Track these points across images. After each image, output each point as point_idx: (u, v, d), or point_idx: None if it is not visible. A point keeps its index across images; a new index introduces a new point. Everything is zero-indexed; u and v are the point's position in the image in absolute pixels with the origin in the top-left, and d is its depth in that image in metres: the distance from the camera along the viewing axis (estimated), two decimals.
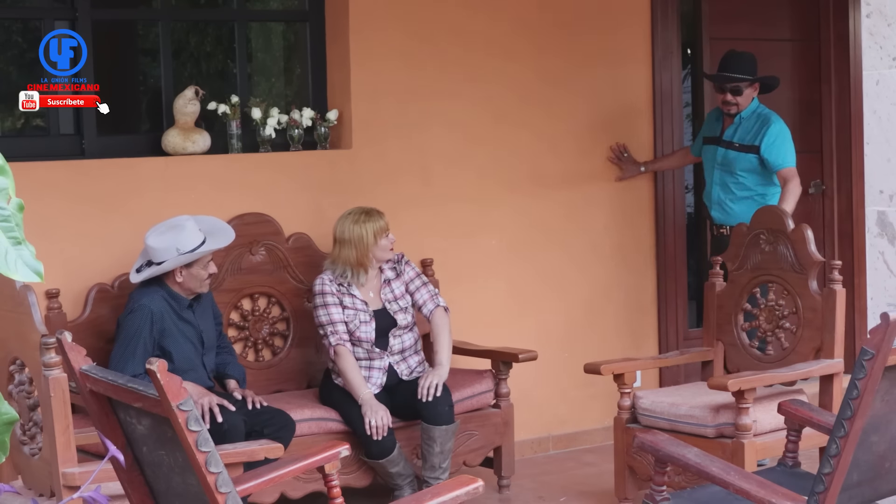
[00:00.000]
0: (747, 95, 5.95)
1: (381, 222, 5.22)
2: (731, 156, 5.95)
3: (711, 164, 6.06)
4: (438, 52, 5.98)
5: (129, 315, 4.77)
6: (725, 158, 5.97)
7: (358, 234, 5.19)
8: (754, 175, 5.92)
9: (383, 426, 5.00)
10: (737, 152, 5.93)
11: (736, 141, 5.94)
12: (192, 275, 4.84)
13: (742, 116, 5.95)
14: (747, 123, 5.94)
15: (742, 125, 5.95)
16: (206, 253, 4.85)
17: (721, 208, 6.02)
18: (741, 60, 5.98)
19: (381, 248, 5.22)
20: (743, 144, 5.92)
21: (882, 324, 3.13)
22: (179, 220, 4.88)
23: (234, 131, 5.56)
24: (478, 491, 3.30)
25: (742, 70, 5.95)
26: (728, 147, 5.97)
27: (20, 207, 1.74)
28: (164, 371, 2.78)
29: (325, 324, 5.15)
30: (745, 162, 5.91)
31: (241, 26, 5.83)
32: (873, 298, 4.94)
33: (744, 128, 5.94)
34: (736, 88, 5.92)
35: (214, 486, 2.84)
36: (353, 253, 5.19)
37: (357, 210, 5.26)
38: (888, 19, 4.75)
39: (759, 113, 5.96)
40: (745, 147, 5.90)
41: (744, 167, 5.92)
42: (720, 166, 6.00)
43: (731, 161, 5.95)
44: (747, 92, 5.94)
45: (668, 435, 3.87)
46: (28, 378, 3.99)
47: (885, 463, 3.47)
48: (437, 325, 5.30)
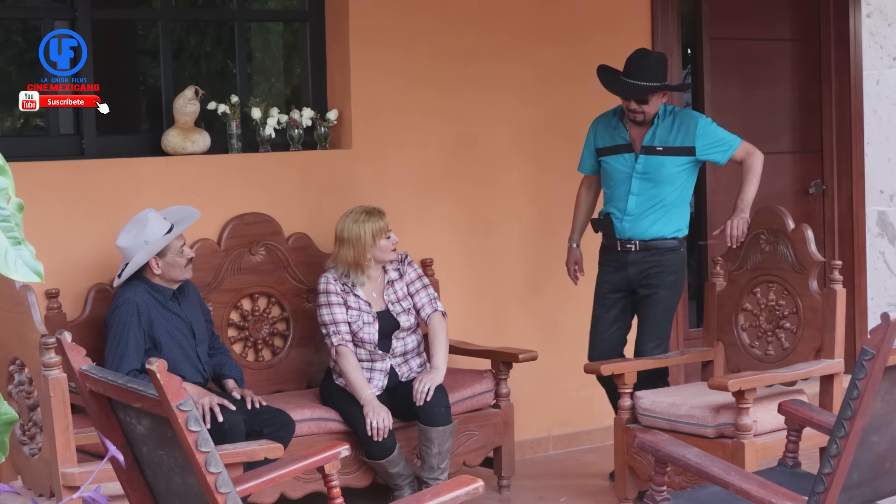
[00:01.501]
0: (655, 102, 5.36)
1: (381, 223, 5.20)
2: (656, 162, 5.37)
3: (625, 174, 5.43)
4: (438, 51, 5.98)
5: (115, 311, 4.78)
6: (649, 166, 5.38)
7: (356, 233, 5.18)
8: (681, 185, 5.41)
9: (384, 427, 5.00)
10: (663, 157, 5.37)
11: (659, 145, 5.38)
12: (168, 263, 4.86)
13: (658, 116, 5.40)
14: (665, 125, 5.40)
15: (660, 127, 5.39)
16: (172, 238, 4.85)
17: (635, 221, 5.42)
18: (646, 65, 5.37)
19: (382, 248, 5.21)
20: (669, 147, 5.36)
21: (882, 324, 3.13)
22: (142, 214, 4.91)
23: (233, 131, 5.56)
24: (478, 491, 3.30)
25: (647, 77, 5.34)
26: (650, 153, 5.38)
27: (20, 207, 1.74)
28: (164, 371, 2.78)
29: (328, 323, 5.15)
30: (674, 167, 5.37)
31: (240, 26, 5.82)
32: (873, 298, 4.94)
33: (663, 129, 5.39)
34: (642, 97, 5.34)
35: (214, 487, 2.84)
36: (351, 252, 5.19)
37: (358, 209, 5.25)
38: (888, 19, 4.75)
39: (672, 111, 5.44)
40: (673, 150, 5.36)
41: (671, 173, 5.37)
42: (641, 175, 5.39)
43: (656, 168, 5.37)
44: (655, 98, 5.35)
45: (668, 435, 3.87)
46: (28, 378, 3.98)
47: (885, 463, 3.46)
48: (434, 329, 5.29)
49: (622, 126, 5.48)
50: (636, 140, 5.43)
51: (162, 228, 4.86)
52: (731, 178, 7.09)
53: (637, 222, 5.42)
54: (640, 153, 5.40)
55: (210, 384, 4.96)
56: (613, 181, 5.49)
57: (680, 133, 5.37)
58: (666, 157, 5.37)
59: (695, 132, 5.36)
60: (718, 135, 5.41)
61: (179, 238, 4.90)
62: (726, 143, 5.41)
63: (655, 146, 5.38)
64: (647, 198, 5.40)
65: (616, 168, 5.46)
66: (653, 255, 5.44)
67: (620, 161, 5.45)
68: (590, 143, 5.61)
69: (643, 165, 5.39)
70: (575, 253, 5.74)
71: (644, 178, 5.39)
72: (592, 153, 5.60)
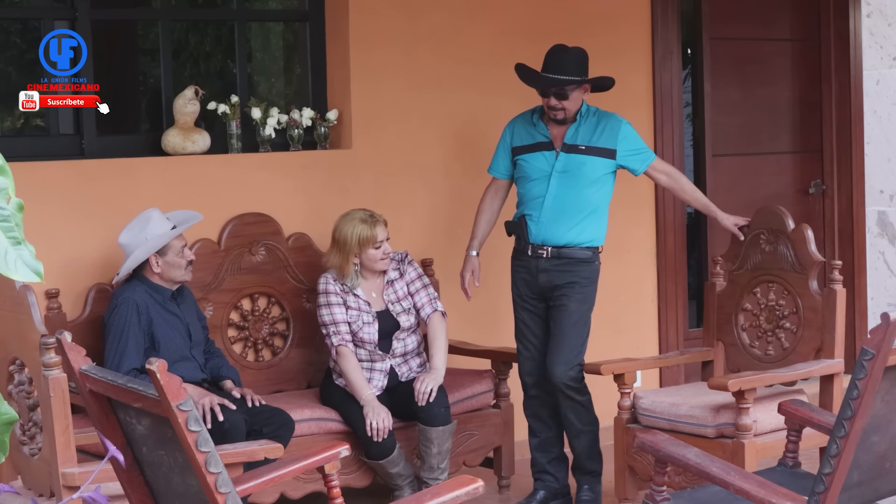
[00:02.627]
0: (575, 98, 5.14)
1: (371, 232, 5.14)
2: (577, 161, 5.13)
3: (544, 172, 5.17)
4: (438, 51, 5.99)
5: (115, 311, 4.78)
6: (570, 164, 5.13)
7: (344, 237, 5.17)
8: (602, 189, 5.18)
9: (384, 428, 4.99)
10: (585, 156, 5.14)
11: (581, 143, 5.15)
12: (168, 263, 4.86)
13: (580, 115, 5.18)
14: (588, 124, 5.18)
15: (582, 126, 5.17)
16: (175, 236, 4.86)
17: (550, 225, 5.15)
18: (565, 59, 5.16)
19: (369, 257, 5.18)
20: (591, 147, 5.14)
21: (882, 324, 3.13)
22: (146, 212, 4.93)
23: (233, 131, 5.56)
24: (478, 491, 3.30)
25: (566, 70, 5.14)
26: (571, 151, 5.14)
27: (20, 207, 1.74)
28: (164, 371, 2.78)
29: (328, 323, 5.15)
30: (595, 168, 5.14)
31: (240, 26, 5.82)
32: (873, 298, 4.94)
33: (586, 129, 5.17)
34: (561, 92, 5.12)
35: (214, 487, 2.84)
36: (337, 256, 5.18)
37: (358, 213, 5.21)
38: (888, 19, 4.75)
39: (596, 112, 5.23)
40: (596, 150, 5.14)
41: (592, 174, 5.14)
42: (561, 174, 5.13)
43: (577, 167, 5.13)
44: (575, 94, 5.13)
45: (668, 435, 3.87)
46: (28, 378, 3.99)
47: (885, 463, 3.46)
48: (433, 329, 5.28)
49: (542, 124, 5.23)
50: (557, 138, 5.18)
51: (164, 227, 4.87)
52: (732, 178, 7.12)
53: (552, 226, 5.13)
54: (562, 150, 5.15)
55: (207, 385, 4.96)
56: (531, 181, 5.20)
57: (604, 134, 5.15)
58: (588, 156, 5.13)
59: (617, 135, 5.16)
60: (639, 143, 5.23)
61: (181, 239, 4.91)
62: (645, 153, 5.23)
63: (578, 144, 5.14)
64: (564, 199, 5.12)
65: (534, 167, 5.19)
66: (564, 265, 5.15)
67: (539, 159, 5.18)
68: (505, 144, 5.32)
69: (563, 164, 5.13)
70: (473, 261, 5.37)
71: (564, 177, 5.12)
72: (507, 154, 5.30)
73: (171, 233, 4.86)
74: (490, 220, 5.41)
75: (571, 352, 5.15)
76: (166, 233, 4.85)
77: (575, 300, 5.15)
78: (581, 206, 5.14)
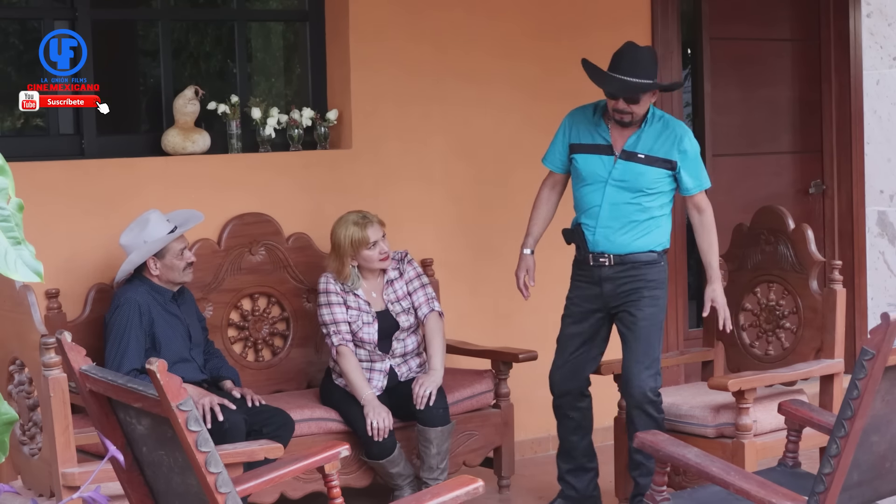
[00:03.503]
0: (645, 102, 4.82)
1: (363, 233, 5.13)
2: (635, 170, 4.84)
3: (600, 178, 4.89)
4: (438, 51, 5.99)
5: (117, 311, 4.78)
6: (627, 173, 4.85)
7: (339, 239, 5.17)
8: (660, 196, 4.89)
9: (385, 428, 4.99)
10: (643, 166, 4.83)
11: (641, 152, 4.85)
12: (165, 265, 4.87)
13: (646, 119, 4.88)
14: (652, 131, 4.87)
15: (645, 132, 4.87)
16: (172, 239, 4.86)
17: (609, 234, 4.88)
18: (639, 60, 4.81)
19: (365, 259, 5.18)
20: (651, 157, 4.84)
21: (882, 324, 3.13)
22: (145, 215, 4.93)
23: (233, 131, 5.56)
24: (478, 491, 3.30)
25: (639, 73, 4.78)
26: (630, 159, 4.85)
27: (20, 207, 1.74)
28: (164, 371, 2.78)
29: (329, 323, 5.14)
30: (654, 179, 4.85)
31: (240, 26, 5.82)
32: (873, 298, 4.94)
33: (648, 136, 4.86)
34: (633, 96, 4.79)
35: (214, 487, 2.84)
36: (334, 261, 5.19)
37: (352, 216, 5.20)
38: (888, 19, 4.75)
39: (662, 118, 4.93)
40: (656, 160, 4.84)
41: (652, 185, 4.85)
42: (617, 182, 4.85)
43: (635, 177, 4.84)
44: (645, 98, 4.81)
45: (668, 435, 3.87)
46: (28, 378, 3.98)
47: (885, 463, 3.46)
48: (430, 329, 5.27)
49: (604, 124, 4.92)
50: (617, 142, 4.88)
51: (163, 230, 4.86)
52: (732, 178, 7.11)
53: (611, 235, 4.87)
54: (620, 157, 4.85)
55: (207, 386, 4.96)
56: (586, 185, 4.92)
57: (666, 143, 4.85)
58: (647, 166, 4.84)
59: (680, 146, 4.85)
60: (698, 163, 4.91)
61: (180, 241, 4.90)
62: (701, 178, 4.91)
63: (637, 153, 4.85)
64: (622, 209, 4.85)
65: (590, 170, 4.90)
66: (629, 270, 4.88)
67: (597, 163, 4.89)
68: (563, 137, 5.02)
69: (621, 172, 4.84)
70: (528, 260, 5.12)
71: (620, 187, 4.85)
72: (565, 148, 5.00)
73: (167, 237, 4.85)
74: (546, 217, 5.16)
75: (648, 357, 4.86)
76: (162, 237, 4.85)
77: (645, 304, 4.88)
78: (639, 213, 4.87)
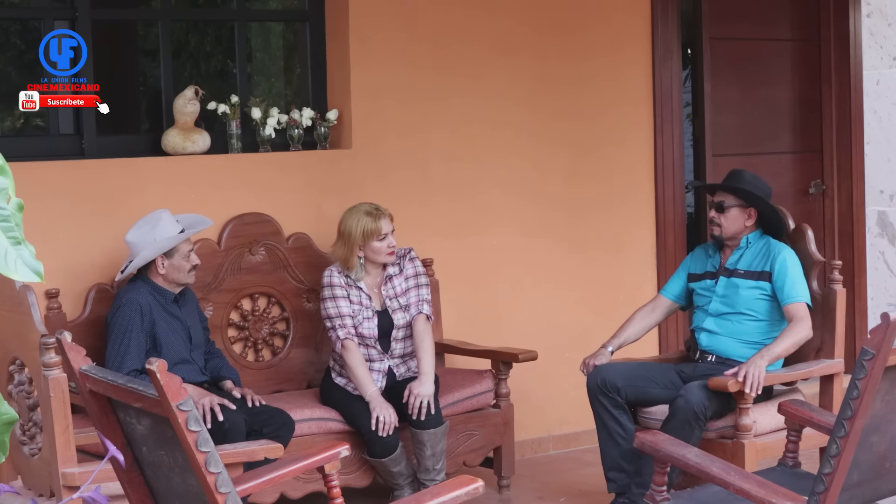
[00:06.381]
0: (734, 218, 5.06)
1: (375, 224, 5.15)
2: (734, 283, 5.05)
3: (708, 296, 5.15)
4: (438, 51, 5.98)
5: (119, 311, 4.78)
6: (728, 287, 5.07)
7: (349, 229, 5.17)
8: (759, 312, 5.02)
9: (391, 423, 4.98)
10: (742, 279, 5.04)
11: (741, 268, 5.07)
12: (173, 266, 4.86)
13: (749, 240, 5.09)
14: (752, 250, 5.10)
15: (748, 251, 5.10)
16: (183, 239, 4.86)
17: (713, 337, 5.10)
18: (739, 176, 5.13)
19: (374, 250, 5.18)
20: (749, 271, 5.04)
21: (882, 324, 3.13)
22: (156, 213, 4.93)
23: (233, 131, 5.56)
24: (478, 491, 3.30)
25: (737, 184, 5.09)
26: (731, 275, 5.08)
27: (20, 207, 1.74)
28: (164, 371, 2.78)
29: (334, 316, 5.13)
30: (752, 292, 5.01)
31: (240, 26, 5.82)
32: (873, 298, 4.94)
33: (749, 254, 5.08)
34: (720, 204, 5.09)
35: (214, 487, 2.84)
36: (342, 248, 5.19)
37: (363, 206, 5.21)
38: (888, 19, 4.75)
39: (767, 241, 5.08)
40: (753, 273, 5.03)
41: (750, 300, 5.01)
42: (721, 298, 5.09)
43: (734, 289, 5.05)
44: (734, 213, 5.05)
45: (669, 435, 3.87)
46: (28, 378, 3.99)
47: (885, 463, 3.47)
48: (418, 332, 5.21)
49: (718, 255, 5.18)
50: (723, 264, 5.16)
51: (174, 229, 4.87)
52: None
53: (716, 339, 5.09)
54: (721, 275, 5.10)
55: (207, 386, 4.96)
56: (698, 306, 5.22)
57: (764, 259, 5.04)
58: (744, 279, 5.03)
59: (775, 260, 4.99)
60: (795, 279, 4.97)
61: (188, 242, 4.91)
62: (794, 286, 4.95)
63: (738, 269, 5.07)
64: (725, 319, 5.07)
65: (700, 294, 5.19)
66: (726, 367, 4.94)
67: (706, 285, 5.16)
68: (684, 268, 5.33)
69: (723, 287, 5.08)
70: (604, 355, 5.21)
71: (723, 303, 5.07)
72: (683, 278, 5.29)
73: (180, 235, 4.86)
74: (637, 333, 5.34)
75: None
76: (174, 236, 4.85)
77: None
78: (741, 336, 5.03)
